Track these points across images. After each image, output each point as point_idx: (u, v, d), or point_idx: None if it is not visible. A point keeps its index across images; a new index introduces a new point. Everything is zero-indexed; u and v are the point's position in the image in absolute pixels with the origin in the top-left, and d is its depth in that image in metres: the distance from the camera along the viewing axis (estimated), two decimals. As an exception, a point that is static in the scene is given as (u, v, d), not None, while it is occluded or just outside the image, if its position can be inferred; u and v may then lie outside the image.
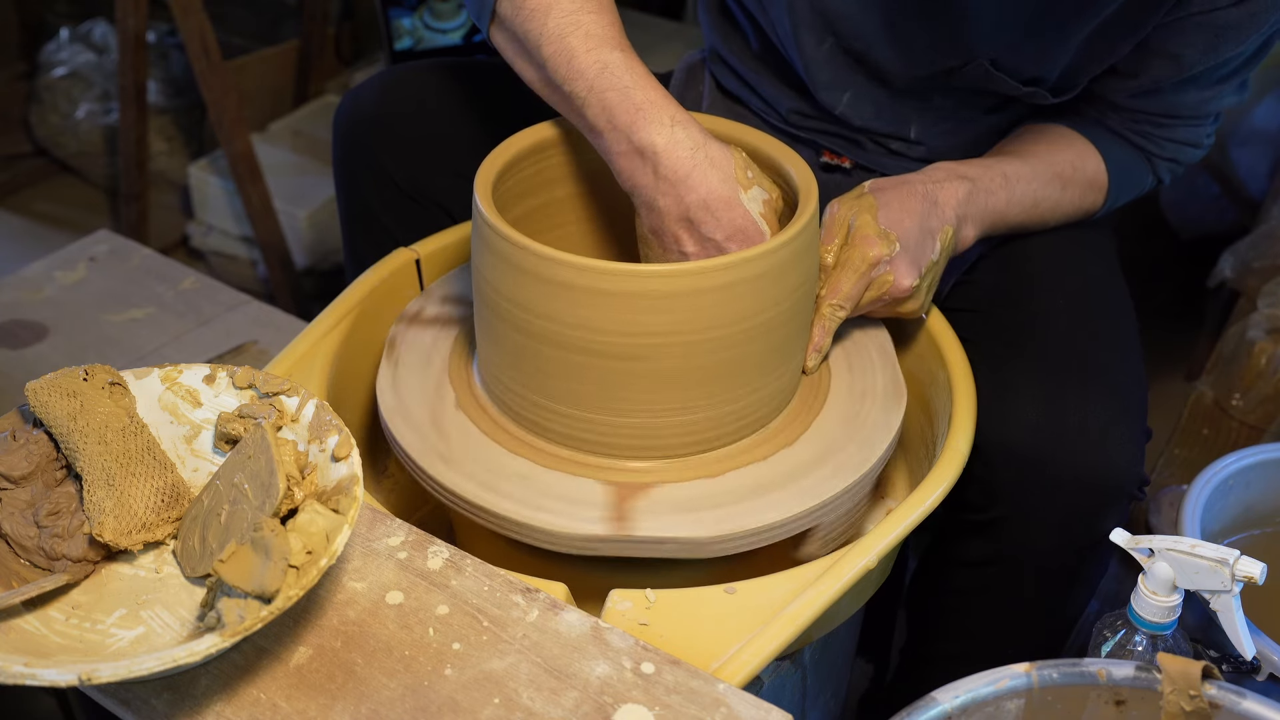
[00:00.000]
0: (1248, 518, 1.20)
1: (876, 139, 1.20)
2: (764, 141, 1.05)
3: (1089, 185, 1.16)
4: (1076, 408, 1.01)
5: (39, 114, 2.49)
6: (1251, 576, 0.87)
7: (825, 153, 1.22)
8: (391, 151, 1.22)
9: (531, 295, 0.93)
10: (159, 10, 2.35)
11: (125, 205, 2.20)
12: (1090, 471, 1.00)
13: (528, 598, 0.82)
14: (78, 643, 0.77)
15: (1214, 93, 1.13)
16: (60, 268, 1.69)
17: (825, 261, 1.02)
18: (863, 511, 1.12)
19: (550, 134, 1.06)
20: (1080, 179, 1.15)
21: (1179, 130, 1.16)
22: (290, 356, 1.05)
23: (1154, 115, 1.15)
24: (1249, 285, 1.74)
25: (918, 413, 1.13)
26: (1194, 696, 0.88)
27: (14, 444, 0.84)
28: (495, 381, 1.01)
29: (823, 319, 1.02)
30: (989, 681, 0.91)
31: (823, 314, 1.01)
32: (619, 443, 0.97)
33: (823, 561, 0.89)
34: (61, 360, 1.53)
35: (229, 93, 1.96)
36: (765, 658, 0.83)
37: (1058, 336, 1.07)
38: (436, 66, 1.27)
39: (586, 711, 0.76)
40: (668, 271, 0.90)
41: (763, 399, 0.99)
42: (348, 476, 0.81)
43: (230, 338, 1.58)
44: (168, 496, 0.84)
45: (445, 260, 1.18)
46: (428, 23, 2.15)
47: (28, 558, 0.81)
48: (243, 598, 0.72)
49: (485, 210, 0.95)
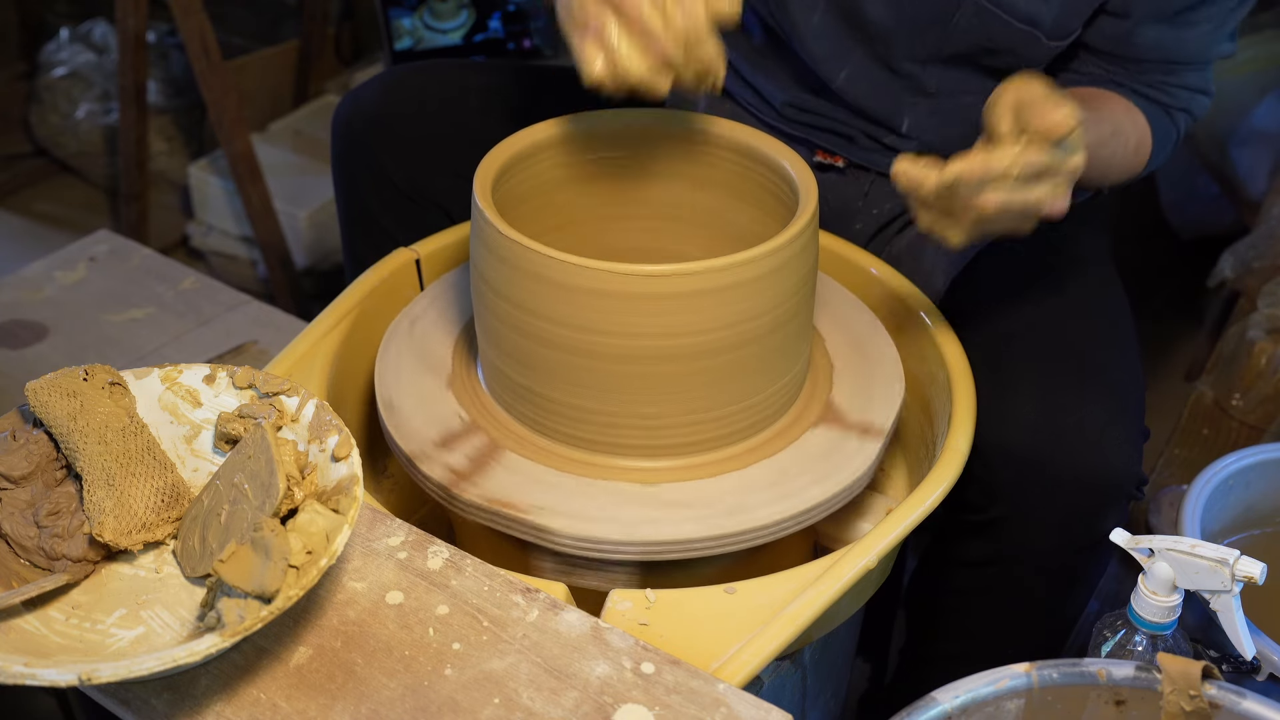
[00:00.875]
0: (1248, 518, 1.19)
1: (870, 132, 1.19)
2: (763, 141, 1.05)
3: (1138, 137, 1.12)
4: (1074, 407, 1.01)
5: (39, 114, 2.48)
6: (1251, 576, 0.87)
7: (819, 152, 1.22)
8: (391, 152, 1.22)
9: (531, 295, 0.93)
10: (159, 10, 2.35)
11: (125, 205, 2.20)
12: (1088, 471, 1.00)
13: (528, 598, 0.82)
14: (78, 643, 0.77)
15: (1209, 32, 1.10)
16: (60, 268, 1.69)
17: (999, 131, 0.89)
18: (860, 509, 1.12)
19: (550, 134, 1.06)
20: (1129, 129, 1.11)
21: (1187, 76, 1.14)
22: (290, 356, 1.05)
23: (1159, 63, 1.12)
24: (1249, 285, 1.74)
25: (918, 413, 1.13)
26: (1194, 696, 0.88)
27: (14, 444, 0.84)
28: (496, 381, 1.01)
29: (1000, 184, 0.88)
30: (989, 681, 0.91)
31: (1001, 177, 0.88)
32: (620, 442, 0.97)
33: (823, 561, 0.89)
34: (61, 360, 1.53)
35: (229, 93, 1.96)
36: (765, 658, 0.83)
37: (1055, 337, 1.07)
38: (436, 68, 1.27)
39: (586, 711, 0.76)
40: (667, 272, 0.90)
41: (764, 399, 0.99)
42: (348, 476, 0.81)
43: (230, 338, 1.58)
44: (168, 496, 0.84)
45: (445, 260, 1.18)
46: (428, 23, 2.15)
47: (28, 558, 0.81)
48: (243, 598, 0.72)
49: (485, 209, 0.95)
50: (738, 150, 1.07)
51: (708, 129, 1.08)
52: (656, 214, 1.13)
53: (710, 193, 1.10)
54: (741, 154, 1.07)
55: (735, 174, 1.08)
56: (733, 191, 1.09)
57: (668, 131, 1.09)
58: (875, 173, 1.21)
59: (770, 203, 1.06)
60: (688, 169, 1.10)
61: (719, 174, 1.09)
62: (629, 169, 1.10)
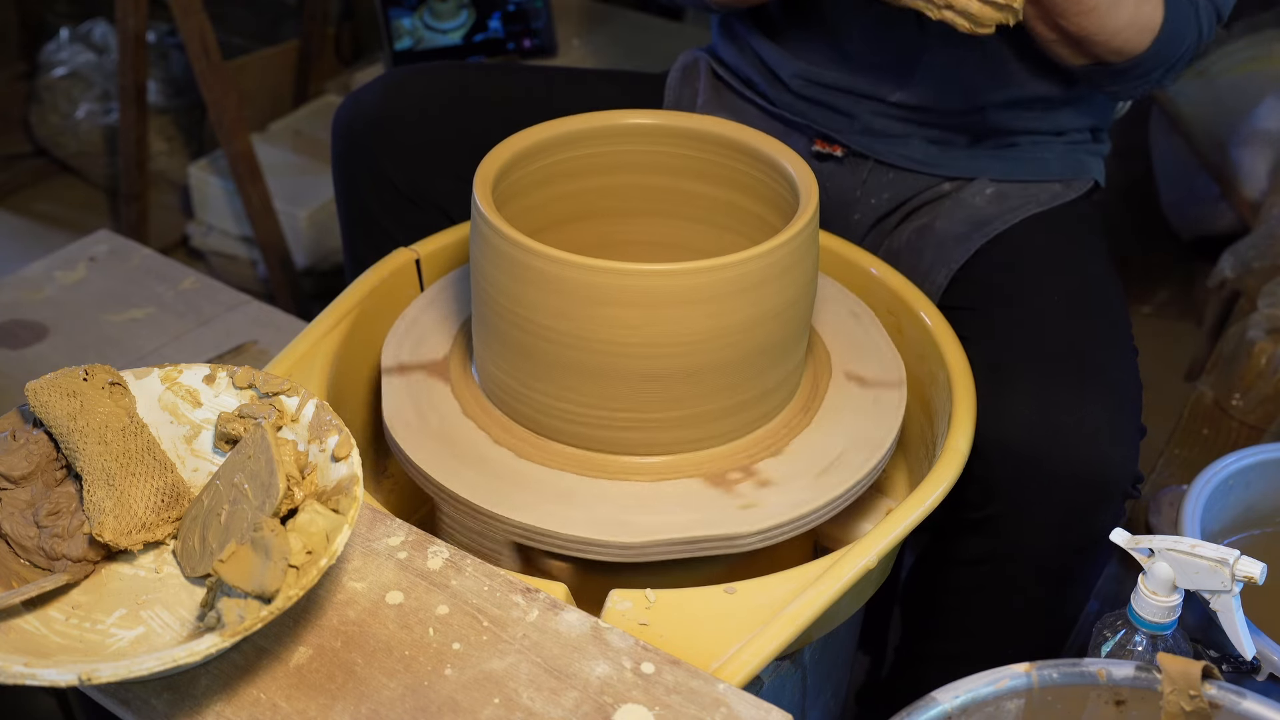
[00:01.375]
0: (1248, 518, 1.19)
1: (873, 99, 1.19)
2: (764, 142, 1.05)
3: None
4: (1072, 406, 1.01)
5: (39, 114, 2.48)
6: (1251, 576, 0.87)
7: (818, 141, 1.23)
8: (392, 155, 1.22)
9: (531, 294, 0.93)
10: (159, 10, 2.35)
11: (125, 205, 2.20)
12: (1085, 469, 1.00)
13: (528, 598, 0.82)
14: (78, 643, 0.77)
15: None
16: (60, 268, 1.69)
17: None
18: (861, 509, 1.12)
19: (550, 134, 1.06)
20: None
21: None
22: (290, 356, 1.05)
23: None
24: (1249, 285, 1.73)
25: (918, 413, 1.13)
26: (1194, 696, 0.88)
27: (14, 444, 0.84)
28: (494, 379, 1.01)
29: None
30: (989, 681, 0.91)
31: None
32: (619, 441, 0.97)
33: (823, 561, 0.89)
34: (61, 360, 1.53)
35: (229, 93, 1.96)
36: (765, 658, 0.83)
37: (1053, 335, 1.07)
38: (436, 70, 1.27)
39: (586, 711, 0.76)
40: (667, 271, 0.90)
41: (763, 398, 0.99)
42: (348, 476, 0.81)
43: (230, 338, 1.58)
44: (168, 496, 0.84)
45: (445, 260, 1.18)
46: (428, 23, 2.15)
47: (28, 558, 0.81)
48: (243, 598, 0.72)
49: (485, 209, 0.95)
50: (738, 150, 1.07)
51: (707, 129, 1.08)
52: (656, 214, 1.13)
53: (710, 193, 1.10)
54: (742, 153, 1.07)
55: (735, 174, 1.08)
56: (733, 191, 1.09)
57: (668, 131, 1.09)
58: (874, 160, 1.22)
59: (770, 202, 1.06)
60: (688, 169, 1.10)
61: (719, 174, 1.09)
62: (629, 169, 1.10)
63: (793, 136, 1.24)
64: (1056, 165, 1.23)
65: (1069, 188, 1.23)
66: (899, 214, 1.23)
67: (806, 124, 1.23)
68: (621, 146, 1.09)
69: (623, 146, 1.09)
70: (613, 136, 1.09)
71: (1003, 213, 1.18)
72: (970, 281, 1.16)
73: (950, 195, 1.22)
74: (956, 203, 1.20)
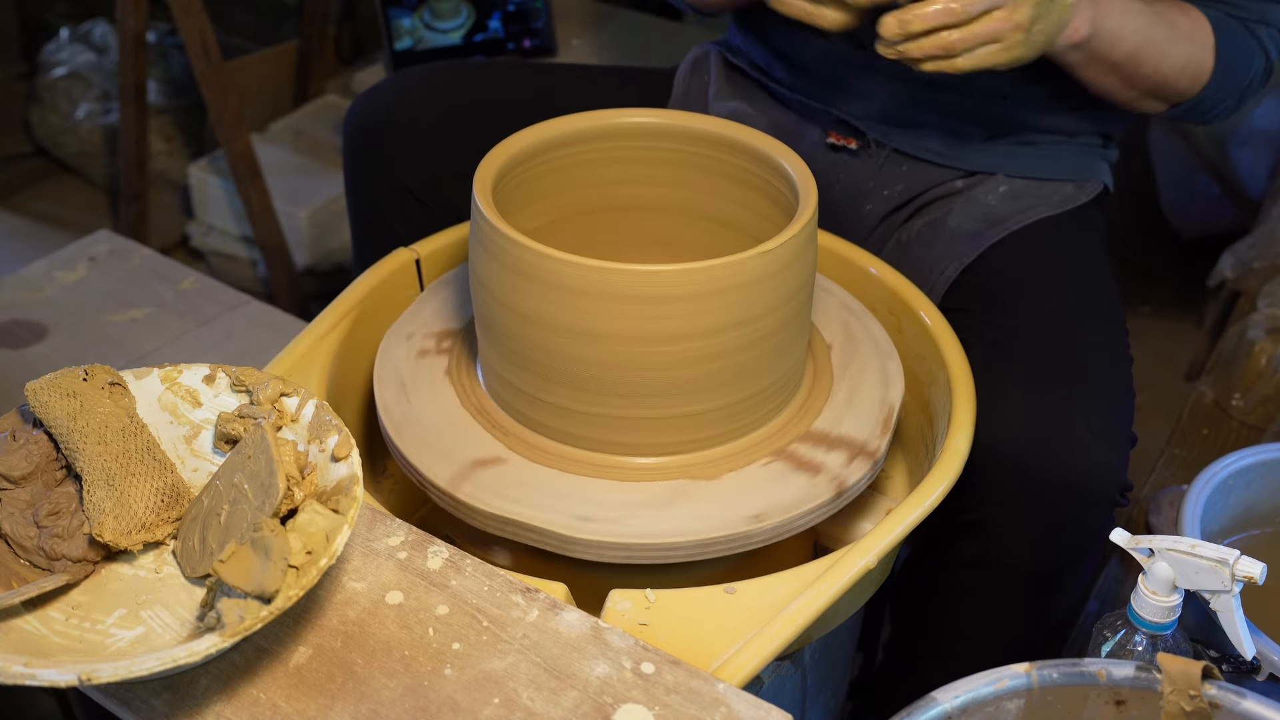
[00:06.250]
0: (1248, 518, 1.19)
1: (900, 80, 1.18)
2: (764, 142, 1.05)
3: (1195, 36, 1.12)
4: (1063, 412, 1.01)
5: (39, 114, 2.48)
6: (1251, 576, 0.87)
7: (832, 134, 1.22)
8: (403, 157, 1.22)
9: (530, 295, 0.93)
10: (159, 10, 2.35)
11: (125, 205, 2.20)
12: (1073, 475, 1.00)
13: (527, 598, 0.82)
14: (78, 643, 0.77)
15: None
16: (60, 268, 1.69)
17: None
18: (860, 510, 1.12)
19: (550, 133, 1.06)
20: (1186, 28, 1.11)
21: (1272, 10, 1.14)
22: (290, 356, 1.05)
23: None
24: (1249, 285, 1.74)
25: (918, 413, 1.13)
26: (1194, 696, 0.88)
27: (14, 444, 0.84)
28: (494, 378, 1.01)
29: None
30: (989, 681, 0.90)
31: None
32: (620, 441, 0.97)
33: (823, 561, 0.89)
34: (61, 360, 1.53)
35: (229, 93, 1.96)
36: (765, 658, 0.83)
37: (1047, 340, 1.07)
38: (447, 70, 1.27)
39: (586, 711, 0.76)
40: (667, 272, 0.90)
41: (763, 398, 0.99)
42: (347, 476, 0.81)
43: (230, 338, 1.58)
44: (168, 496, 0.84)
45: (445, 260, 1.18)
46: (428, 23, 2.15)
47: (28, 558, 0.81)
48: (243, 598, 0.72)
49: (484, 207, 0.95)
50: (738, 149, 1.07)
51: (707, 128, 1.08)
52: (656, 214, 1.13)
53: (710, 192, 1.10)
54: (742, 153, 1.07)
55: (735, 173, 1.08)
56: (733, 191, 1.09)
57: (668, 130, 1.09)
58: (889, 150, 1.22)
59: (770, 202, 1.06)
60: (688, 168, 1.10)
61: (719, 173, 1.09)
62: (629, 168, 1.10)
63: (806, 126, 1.23)
64: (1070, 164, 1.23)
65: (1080, 190, 1.22)
66: (911, 207, 1.23)
67: (823, 109, 1.22)
68: (621, 146, 1.09)
69: (622, 146, 1.09)
70: (612, 136, 1.09)
71: (1014, 213, 1.18)
72: (970, 285, 1.16)
73: (963, 192, 1.22)
74: (969, 200, 1.20)
